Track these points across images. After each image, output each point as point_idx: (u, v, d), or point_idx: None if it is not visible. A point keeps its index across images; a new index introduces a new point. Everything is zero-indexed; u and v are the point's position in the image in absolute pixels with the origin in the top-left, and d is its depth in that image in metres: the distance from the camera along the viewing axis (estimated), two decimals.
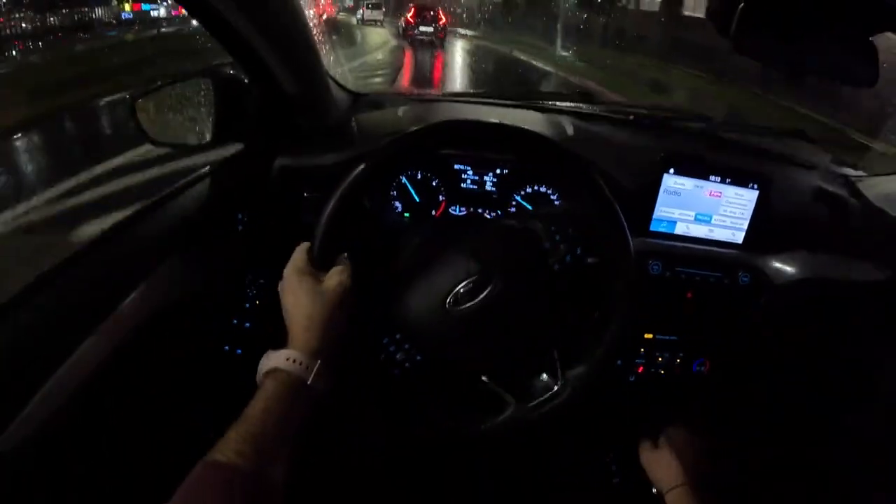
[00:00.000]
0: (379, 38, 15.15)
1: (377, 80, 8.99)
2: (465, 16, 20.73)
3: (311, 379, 0.60)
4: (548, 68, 11.38)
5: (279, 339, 0.64)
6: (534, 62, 12.15)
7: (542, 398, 0.76)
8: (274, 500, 0.51)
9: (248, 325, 0.93)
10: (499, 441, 0.86)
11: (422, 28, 14.11)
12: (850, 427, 1.22)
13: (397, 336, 0.78)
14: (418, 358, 0.78)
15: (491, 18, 20.25)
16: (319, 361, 0.62)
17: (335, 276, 0.68)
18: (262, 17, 0.75)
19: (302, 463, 0.56)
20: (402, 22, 15.06)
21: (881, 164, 1.22)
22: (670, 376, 1.07)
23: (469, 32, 17.90)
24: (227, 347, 0.92)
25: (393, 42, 14.45)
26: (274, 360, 0.61)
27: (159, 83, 0.83)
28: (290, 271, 0.68)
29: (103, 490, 0.66)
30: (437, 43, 14.34)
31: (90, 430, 0.64)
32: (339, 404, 0.67)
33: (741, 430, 1.19)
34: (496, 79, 10.75)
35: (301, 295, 0.65)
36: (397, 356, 0.78)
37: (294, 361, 0.60)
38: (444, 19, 14.63)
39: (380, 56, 12.26)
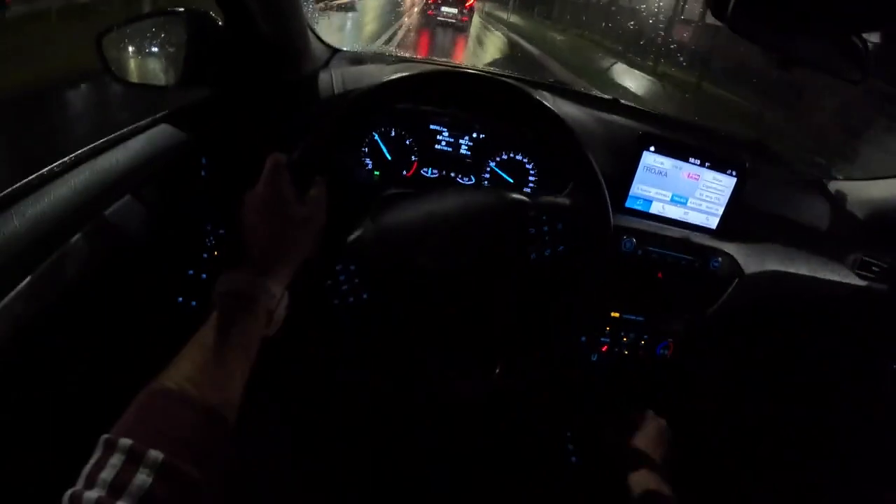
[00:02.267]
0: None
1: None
2: None
3: (277, 309, 0.57)
4: None
5: None
6: None
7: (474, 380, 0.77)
8: (222, 436, 0.47)
9: (204, 276, 0.90)
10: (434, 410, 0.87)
11: (444, 9, 13.28)
12: (809, 415, 1.22)
13: (352, 267, 0.78)
14: (364, 296, 0.78)
15: None
16: (287, 292, 0.59)
17: (313, 205, 0.65)
18: None
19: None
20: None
21: (854, 170, 1.22)
22: (633, 357, 1.07)
23: None
24: (180, 299, 0.89)
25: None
26: (238, 282, 0.56)
27: (127, 19, 0.82)
28: (268, 189, 0.62)
29: (43, 441, 0.63)
30: (461, 27, 13.36)
31: (30, 374, 0.60)
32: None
33: (702, 413, 1.19)
34: None
35: (277, 217, 0.61)
36: (343, 287, 0.77)
37: (261, 288, 0.56)
38: (470, 0, 13.67)
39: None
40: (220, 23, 0.86)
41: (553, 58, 10.33)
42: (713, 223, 1.04)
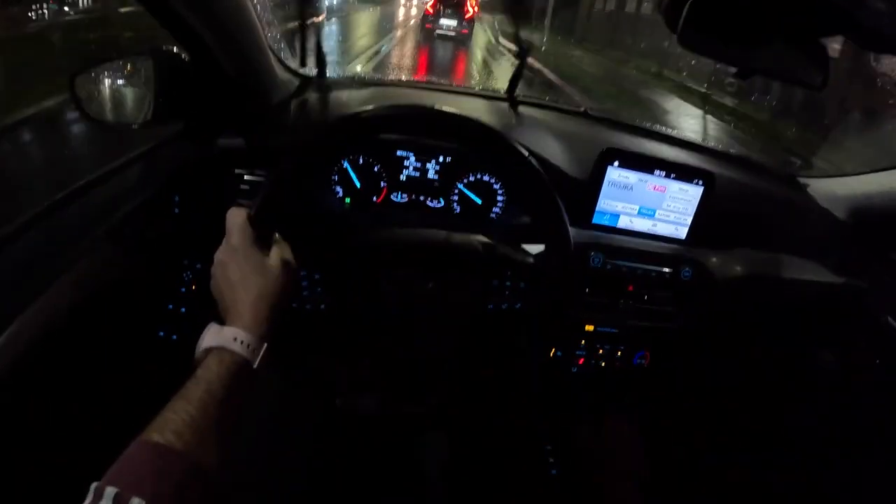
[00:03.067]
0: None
1: None
2: None
3: (257, 363, 0.58)
4: None
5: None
6: None
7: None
8: (208, 488, 0.49)
9: (183, 310, 0.93)
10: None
11: (443, 21, 12.63)
12: (789, 416, 1.22)
13: (316, 276, 0.81)
14: (322, 307, 0.81)
15: None
16: (266, 345, 0.60)
17: (281, 254, 0.66)
18: None
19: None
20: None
21: (827, 166, 1.20)
22: (611, 368, 1.07)
23: None
24: (161, 333, 0.91)
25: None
26: (219, 338, 0.58)
27: (99, 60, 0.85)
28: (236, 243, 0.64)
29: (30, 475, 0.64)
30: (460, 39, 12.66)
31: (17, 413, 0.62)
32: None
33: (680, 421, 1.19)
34: None
35: (249, 270, 0.62)
36: (305, 292, 0.81)
37: (242, 343, 0.58)
38: (470, 12, 12.82)
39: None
40: (186, 59, 0.89)
41: None
42: (682, 233, 1.04)
